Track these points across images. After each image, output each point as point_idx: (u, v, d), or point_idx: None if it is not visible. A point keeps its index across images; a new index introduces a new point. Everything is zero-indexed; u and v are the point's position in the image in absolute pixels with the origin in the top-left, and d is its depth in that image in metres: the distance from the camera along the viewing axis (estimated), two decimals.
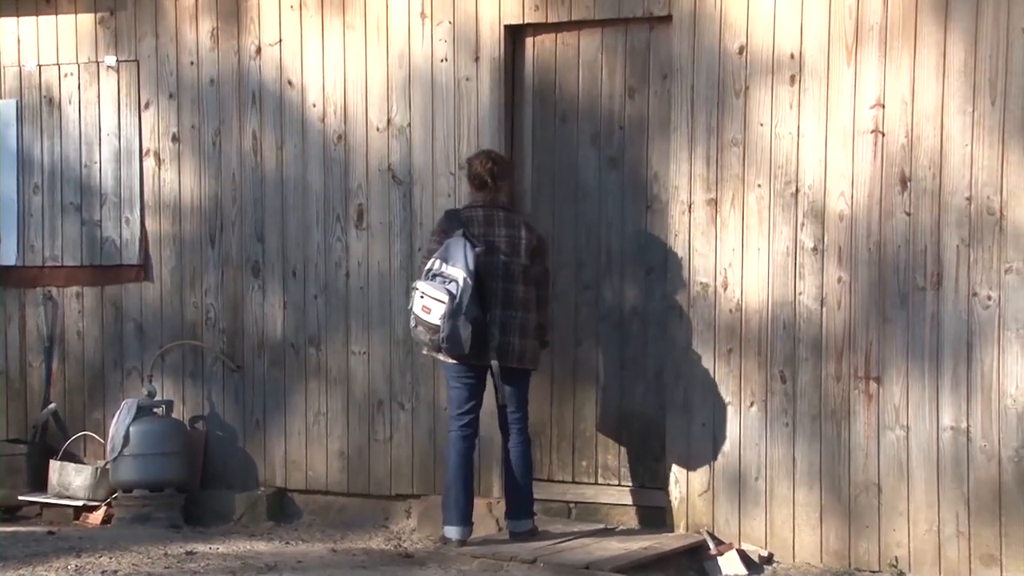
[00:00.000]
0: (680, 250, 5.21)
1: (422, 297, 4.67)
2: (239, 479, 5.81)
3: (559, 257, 5.38)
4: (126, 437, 5.66)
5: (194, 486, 5.81)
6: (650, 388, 5.34)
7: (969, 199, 4.79)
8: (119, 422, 5.72)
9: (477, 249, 4.71)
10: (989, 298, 4.78)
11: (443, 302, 4.61)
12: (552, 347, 5.22)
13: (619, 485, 5.39)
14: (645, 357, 5.36)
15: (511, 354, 4.81)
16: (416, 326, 4.73)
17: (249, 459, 5.82)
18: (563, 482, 5.41)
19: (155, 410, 5.83)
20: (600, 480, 5.43)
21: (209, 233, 5.85)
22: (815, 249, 5.01)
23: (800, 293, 5.04)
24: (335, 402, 5.70)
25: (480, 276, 4.73)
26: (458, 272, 4.63)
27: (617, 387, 5.43)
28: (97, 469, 5.86)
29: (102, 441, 5.91)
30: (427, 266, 4.71)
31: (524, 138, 5.45)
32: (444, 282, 4.62)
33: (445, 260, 4.68)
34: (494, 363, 4.76)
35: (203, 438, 5.85)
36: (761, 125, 5.06)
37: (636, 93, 5.33)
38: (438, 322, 4.63)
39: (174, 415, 5.87)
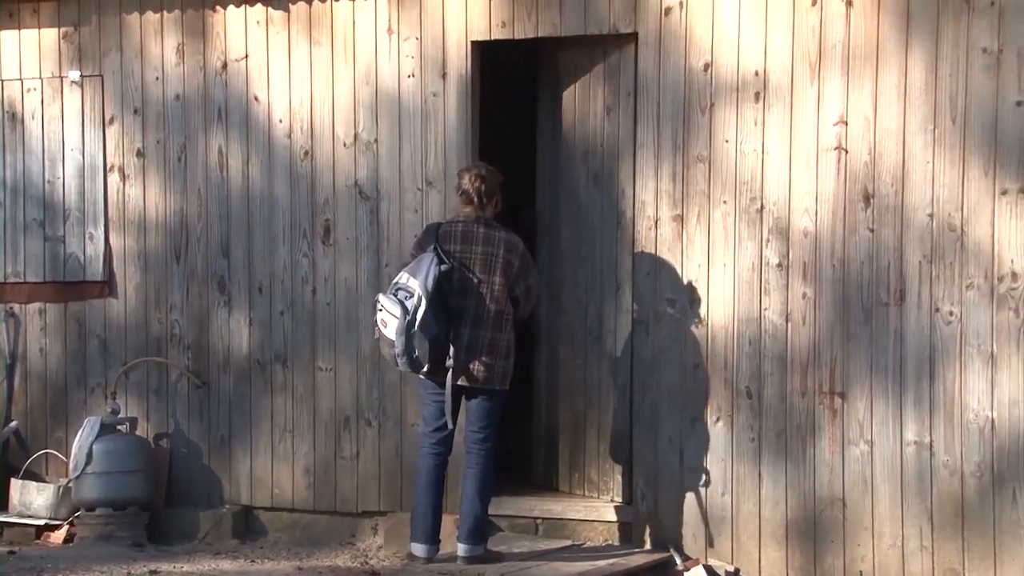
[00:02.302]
0: (647, 266, 5.24)
1: (380, 310, 4.69)
2: (204, 497, 5.79)
3: (563, 271, 5.42)
4: (89, 455, 5.64)
5: (158, 504, 5.78)
6: (617, 403, 5.37)
7: (931, 216, 4.85)
8: (82, 440, 5.68)
9: (443, 266, 4.70)
10: (951, 314, 4.84)
11: (396, 316, 4.60)
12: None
13: (586, 499, 5.43)
14: (614, 372, 5.39)
15: (474, 374, 4.78)
16: (379, 339, 4.75)
17: (214, 477, 5.81)
18: (530, 497, 5.45)
19: (119, 428, 5.81)
20: (567, 495, 5.48)
21: (174, 249, 5.85)
22: (780, 265, 5.07)
23: (766, 309, 5.09)
24: (301, 419, 5.69)
25: (451, 294, 4.72)
26: (417, 286, 4.62)
27: (584, 402, 5.47)
28: (59, 488, 5.83)
29: (64, 459, 5.88)
30: (395, 278, 4.74)
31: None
32: (405, 296, 4.61)
33: (412, 274, 4.68)
34: (449, 381, 4.72)
35: (167, 456, 5.83)
36: (726, 142, 5.11)
37: (595, 112, 5.40)
38: (393, 336, 4.63)
39: (138, 432, 5.86)
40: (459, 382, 4.77)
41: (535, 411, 5.66)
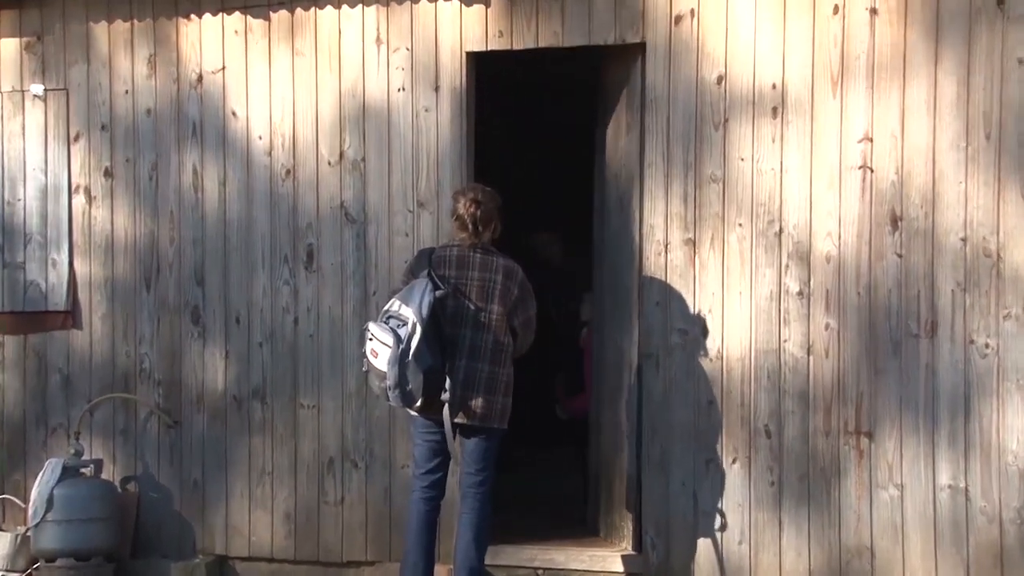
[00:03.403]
0: (656, 294, 5.19)
1: (371, 339, 4.60)
2: (175, 546, 5.71)
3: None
4: (49, 501, 5.53)
5: (124, 555, 5.68)
6: (626, 443, 5.32)
7: (964, 240, 4.82)
8: (42, 484, 5.59)
9: (438, 292, 4.62)
10: (987, 346, 4.79)
11: (388, 346, 4.52)
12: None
13: (593, 548, 5.36)
14: (620, 409, 5.36)
15: (472, 411, 4.69)
16: (367, 371, 4.67)
17: (186, 524, 5.72)
18: (531, 545, 5.37)
19: (82, 471, 5.72)
20: (572, 544, 5.41)
21: (144, 276, 5.77)
22: (801, 293, 5.03)
23: (785, 340, 5.05)
24: (282, 460, 5.62)
25: (445, 322, 4.66)
26: (410, 314, 4.54)
27: (609, 441, 5.45)
28: (17, 536, 5.71)
29: (23, 505, 5.78)
30: (385, 306, 4.67)
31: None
32: (397, 324, 4.54)
33: (404, 302, 4.61)
34: (446, 418, 4.62)
35: (135, 501, 5.75)
36: (742, 160, 5.08)
37: (600, 125, 5.39)
38: (385, 368, 4.53)
39: (103, 476, 5.77)
40: (459, 420, 4.67)
41: (589, 452, 5.74)
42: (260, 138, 5.61)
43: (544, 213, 7.09)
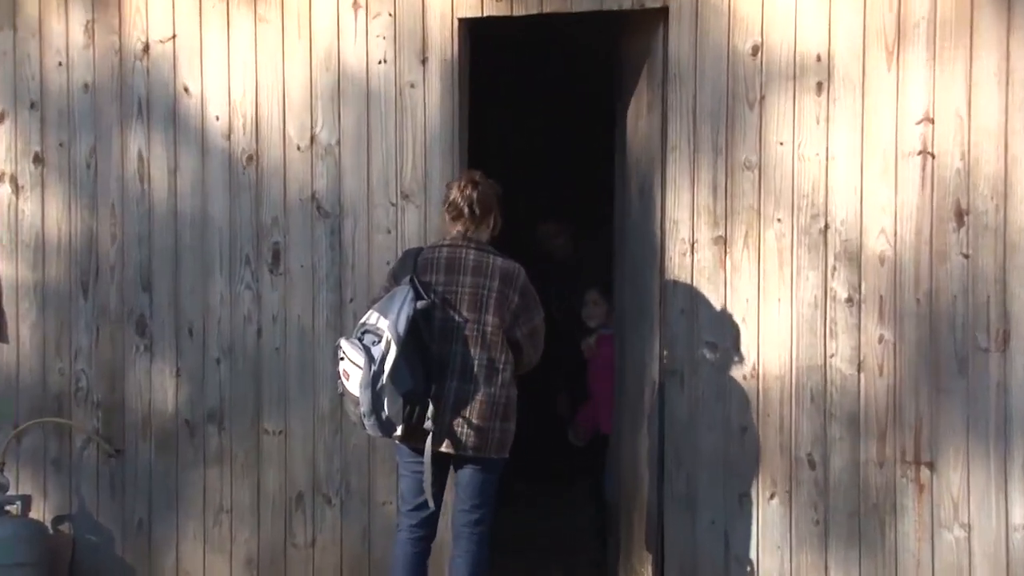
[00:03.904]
0: (681, 300, 5.19)
1: (342, 359, 4.60)
2: None
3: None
4: None
5: None
6: (646, 474, 5.33)
7: None
8: None
9: (420, 302, 4.61)
10: None
11: (360, 366, 4.51)
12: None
13: None
14: (639, 435, 5.38)
15: (464, 439, 4.68)
16: (343, 394, 4.68)
17: (129, 570, 5.70)
18: None
19: (7, 508, 5.68)
20: None
21: (81, 280, 5.74)
22: (850, 300, 5.04)
23: (832, 355, 5.06)
24: (242, 496, 5.61)
25: (432, 338, 4.66)
26: (386, 328, 4.53)
27: (630, 473, 5.46)
28: None
29: None
30: (362, 317, 4.67)
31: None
32: (372, 341, 4.54)
33: (383, 313, 4.60)
34: (428, 449, 4.62)
35: (69, 544, 5.72)
36: (781, 144, 5.09)
37: (619, 101, 5.39)
38: (357, 391, 4.54)
39: (32, 515, 5.74)
40: (443, 448, 4.66)
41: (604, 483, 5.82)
42: (217, 118, 5.59)
43: (551, 200, 7.11)
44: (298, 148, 5.51)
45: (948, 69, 4.90)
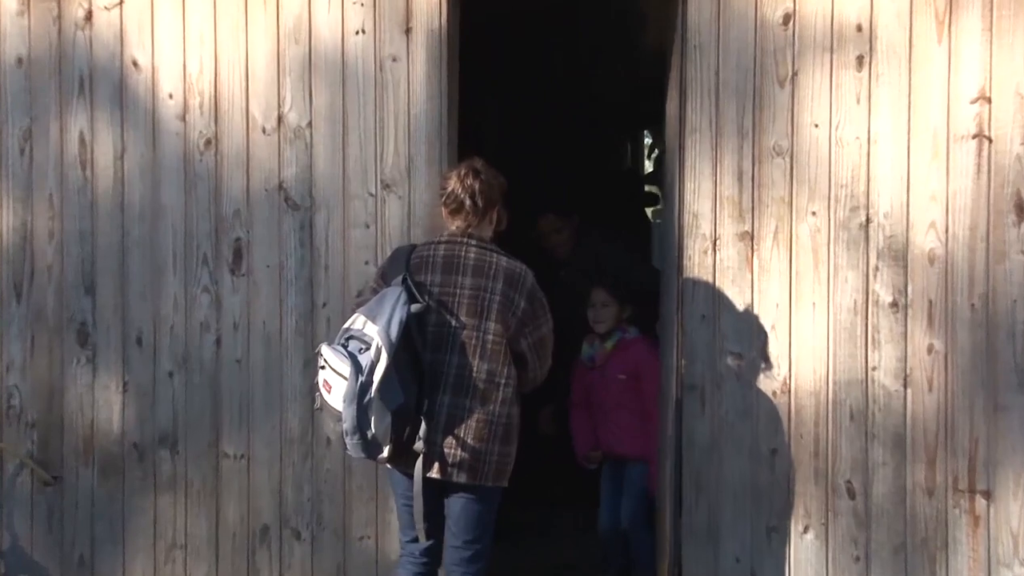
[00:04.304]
0: (702, 305, 5.21)
1: (323, 367, 4.60)
2: None
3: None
4: None
5: None
6: (663, 504, 5.34)
7: None
8: None
9: (414, 305, 4.61)
10: None
11: (345, 377, 4.51)
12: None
13: None
14: (661, 457, 5.48)
15: (456, 464, 4.68)
16: (320, 409, 4.73)
17: None
18: None
19: None
20: None
21: (13, 282, 5.71)
22: (895, 305, 5.06)
23: (874, 368, 5.07)
24: (198, 529, 5.60)
25: (424, 345, 4.67)
26: (376, 334, 4.53)
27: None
28: None
29: None
30: (347, 323, 4.68)
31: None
32: (358, 348, 4.54)
33: (371, 317, 4.59)
34: (417, 476, 4.62)
35: None
36: (816, 127, 5.10)
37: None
38: (340, 406, 4.53)
39: None
40: (432, 474, 4.66)
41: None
42: (170, 97, 5.59)
43: (555, 193, 7.13)
44: (263, 131, 5.51)
45: (1007, 41, 4.92)
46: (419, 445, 4.59)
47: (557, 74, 8.37)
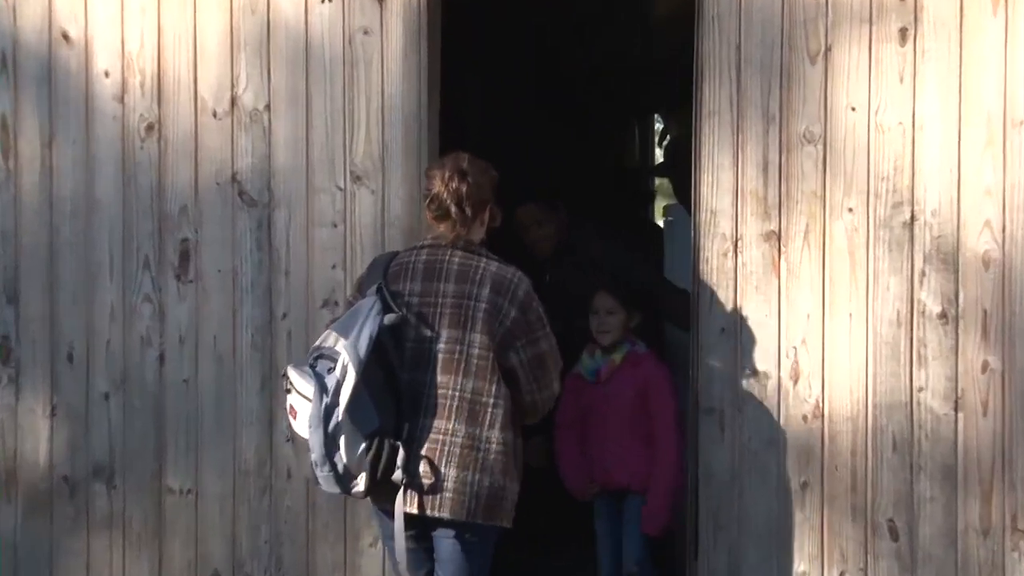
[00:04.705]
0: (721, 316, 5.21)
1: (288, 391, 4.66)
2: None
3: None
4: None
5: None
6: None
7: None
8: None
9: (387, 316, 4.61)
10: None
11: (309, 399, 4.55)
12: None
13: None
14: None
15: (434, 496, 4.68)
16: (290, 439, 4.87)
17: None
18: None
19: None
20: None
21: None
22: (944, 316, 5.05)
23: (920, 389, 5.06)
24: (139, 574, 5.61)
25: (401, 363, 4.69)
26: (344, 350, 4.55)
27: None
28: None
29: None
30: (317, 340, 4.74)
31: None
32: (327, 368, 4.58)
33: (342, 332, 4.63)
34: (398, 512, 4.64)
35: None
36: (852, 110, 5.09)
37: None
38: (306, 433, 4.59)
39: None
40: (410, 508, 4.67)
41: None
42: (107, 75, 5.59)
43: (542, 178, 7.13)
44: (214, 115, 5.51)
45: None
46: (398, 475, 4.57)
47: (549, 50, 8.34)
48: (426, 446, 4.65)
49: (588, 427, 5.79)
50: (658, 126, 11.83)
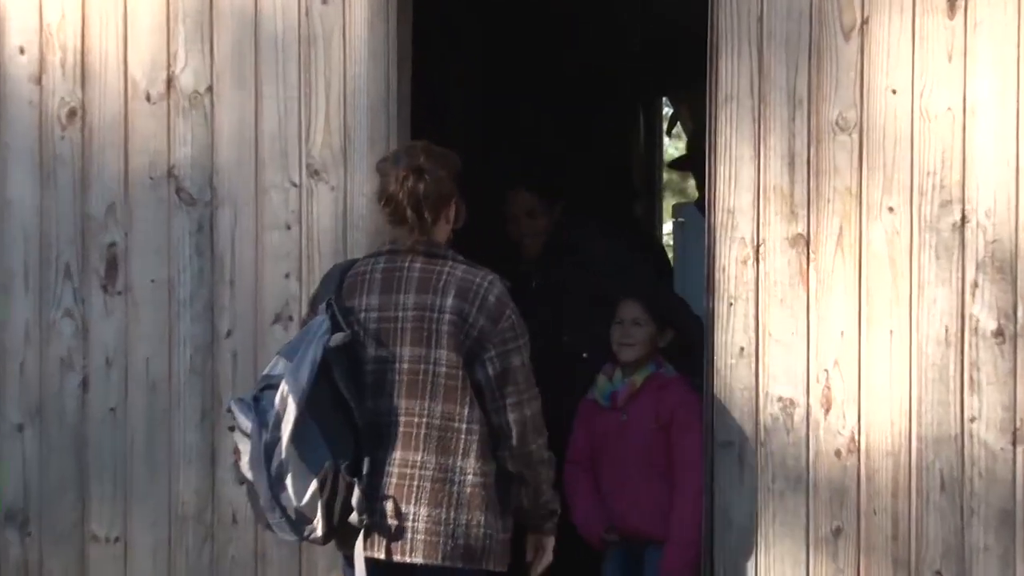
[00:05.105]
0: (739, 334, 5.20)
1: (232, 429, 4.72)
2: None
3: None
4: None
5: None
6: None
7: None
8: None
9: (336, 336, 4.62)
10: None
11: (248, 435, 4.61)
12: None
13: None
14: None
15: (403, 538, 4.69)
16: (242, 483, 4.80)
17: None
18: None
19: None
20: None
21: None
22: (1000, 333, 5.03)
23: (972, 419, 5.04)
24: None
25: (356, 388, 4.69)
26: (283, 379, 4.60)
27: None
28: None
29: None
30: (266, 367, 4.80)
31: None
32: (272, 397, 4.62)
33: (289, 356, 4.68)
34: (358, 557, 4.64)
35: None
36: (893, 93, 5.07)
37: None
38: (249, 474, 4.65)
39: None
40: (377, 554, 4.69)
41: None
42: (21, 52, 5.61)
43: (532, 168, 7.13)
44: (147, 98, 5.51)
45: None
46: (355, 517, 4.59)
47: (538, 21, 8.39)
48: (392, 481, 4.67)
49: (602, 462, 5.70)
50: (666, 110, 11.79)
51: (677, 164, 9.91)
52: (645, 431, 5.60)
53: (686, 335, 5.86)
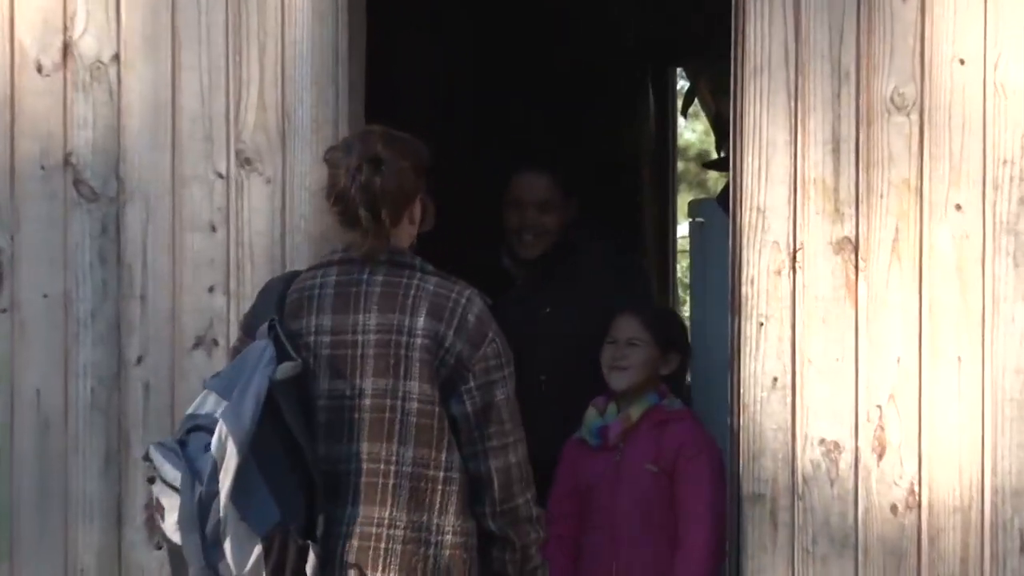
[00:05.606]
0: (772, 361, 5.18)
1: (152, 480, 4.67)
2: None
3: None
4: None
5: None
6: None
7: None
8: None
9: (281, 367, 4.57)
10: None
11: (176, 489, 4.57)
12: None
13: None
14: None
15: None
16: (160, 547, 4.97)
17: None
18: None
19: None
20: None
21: None
22: None
23: None
24: None
25: (306, 431, 4.66)
26: (222, 420, 4.56)
27: None
28: None
29: None
30: (191, 406, 4.77)
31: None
32: (202, 443, 4.60)
33: (222, 392, 4.66)
34: None
35: None
36: (961, 63, 5.07)
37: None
38: (177, 538, 4.59)
39: None
40: None
41: None
42: None
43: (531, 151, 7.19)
44: (39, 69, 5.51)
45: None
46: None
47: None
48: (354, 544, 4.66)
49: (591, 516, 5.60)
50: (681, 83, 11.65)
51: (714, 165, 9.86)
52: (641, 476, 5.53)
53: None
